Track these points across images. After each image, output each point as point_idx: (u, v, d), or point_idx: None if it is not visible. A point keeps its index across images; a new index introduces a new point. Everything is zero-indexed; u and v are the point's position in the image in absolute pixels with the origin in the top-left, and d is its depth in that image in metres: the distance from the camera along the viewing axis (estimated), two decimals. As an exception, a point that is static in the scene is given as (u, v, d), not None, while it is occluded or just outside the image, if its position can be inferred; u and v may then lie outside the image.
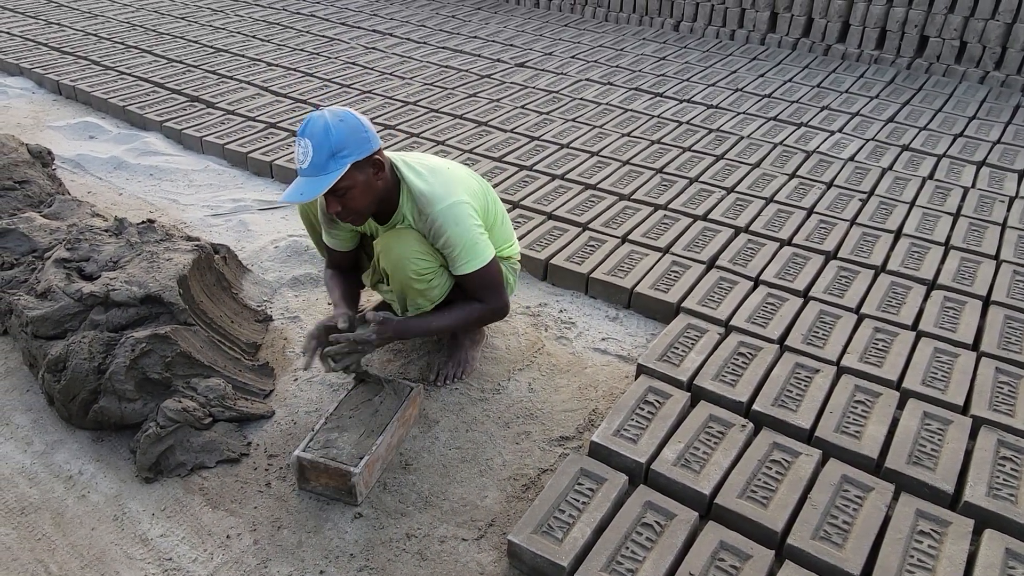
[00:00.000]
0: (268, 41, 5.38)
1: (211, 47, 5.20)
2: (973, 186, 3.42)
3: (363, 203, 1.96)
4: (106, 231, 2.54)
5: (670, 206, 3.21)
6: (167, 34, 5.46)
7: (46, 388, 2.14)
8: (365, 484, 1.92)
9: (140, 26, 5.64)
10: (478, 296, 2.13)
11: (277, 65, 4.86)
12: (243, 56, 5.03)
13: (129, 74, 4.64)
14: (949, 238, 2.99)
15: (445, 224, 1.99)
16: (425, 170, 2.06)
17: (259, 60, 4.95)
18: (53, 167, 3.27)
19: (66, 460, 2.04)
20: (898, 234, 3.03)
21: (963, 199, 3.30)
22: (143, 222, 2.59)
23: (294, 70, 4.77)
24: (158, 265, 2.34)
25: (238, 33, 5.55)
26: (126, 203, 3.36)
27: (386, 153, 2.05)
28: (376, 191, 1.97)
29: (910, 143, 3.84)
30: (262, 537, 1.83)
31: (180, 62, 4.88)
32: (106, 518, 1.87)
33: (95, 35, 5.40)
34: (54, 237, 2.62)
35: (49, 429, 2.13)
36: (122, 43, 5.22)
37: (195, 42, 5.30)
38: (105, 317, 2.19)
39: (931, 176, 3.52)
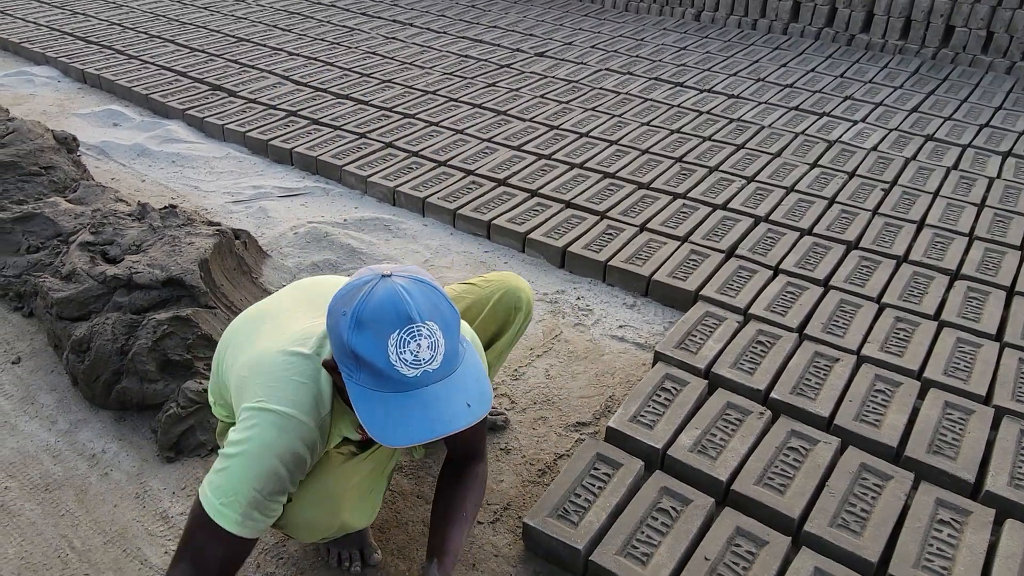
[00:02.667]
0: (289, 30, 5.40)
1: (233, 36, 5.23)
2: (998, 176, 3.36)
3: None
4: (129, 216, 2.57)
5: (689, 195, 3.19)
6: (190, 23, 5.51)
7: (70, 368, 2.17)
8: None
9: (163, 16, 5.69)
10: (476, 448, 1.59)
11: (298, 54, 4.88)
12: (264, 45, 5.06)
13: (152, 63, 4.69)
14: (973, 228, 2.95)
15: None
16: None
17: (280, 49, 4.98)
18: (78, 153, 3.32)
19: (89, 439, 2.07)
20: (921, 224, 2.99)
21: (988, 189, 3.25)
22: (165, 207, 2.61)
23: (314, 59, 4.79)
24: (180, 249, 2.37)
25: (259, 22, 5.58)
26: (149, 189, 3.40)
27: None
28: None
29: (934, 133, 3.78)
30: (280, 516, 1.85)
31: (202, 51, 4.92)
32: (128, 495, 1.91)
33: (119, 25, 5.45)
34: (78, 221, 2.65)
35: (73, 408, 2.17)
36: (145, 33, 5.27)
37: (217, 31, 5.34)
38: (128, 299, 2.22)
39: (955, 166, 3.47)
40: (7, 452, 2.02)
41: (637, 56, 4.93)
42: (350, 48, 5.03)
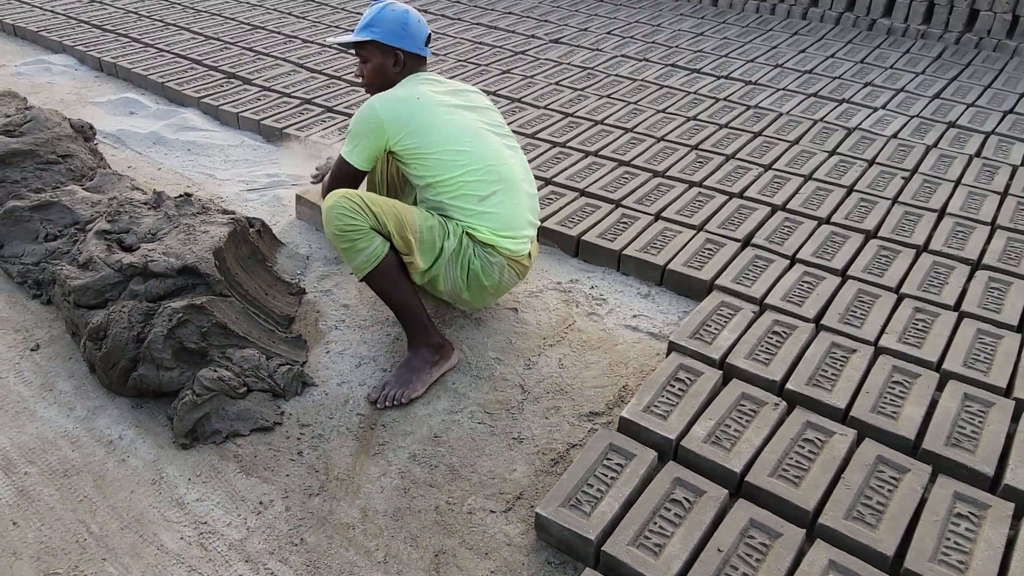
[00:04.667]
0: (303, 18, 5.40)
1: (248, 24, 5.23)
2: (1022, 164, 3.30)
3: (370, 78, 2.25)
4: (145, 204, 2.58)
5: (705, 183, 3.16)
6: (205, 11, 5.52)
7: (88, 356, 2.19)
8: None
9: (179, 3, 5.70)
10: None
11: (312, 42, 4.88)
12: (279, 33, 5.05)
13: (168, 51, 4.70)
14: (995, 217, 2.90)
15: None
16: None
17: (295, 37, 4.97)
18: (95, 142, 3.34)
19: (107, 425, 2.10)
20: (942, 213, 2.94)
21: (1011, 177, 3.19)
22: (180, 196, 2.62)
23: (329, 47, 4.78)
24: (195, 237, 2.38)
25: (274, 10, 5.58)
26: (164, 177, 3.41)
27: (424, 74, 2.28)
28: (383, 78, 2.24)
29: (957, 120, 3.72)
30: (294, 504, 1.86)
31: (217, 39, 4.92)
32: (144, 482, 1.93)
33: (135, 13, 5.47)
34: (95, 210, 2.67)
35: (91, 395, 2.19)
36: (161, 21, 5.28)
37: (232, 19, 5.34)
38: (144, 287, 2.23)
39: (978, 154, 3.41)
40: (26, 438, 2.05)
41: (653, 42, 4.88)
42: (364, 35, 5.01)
